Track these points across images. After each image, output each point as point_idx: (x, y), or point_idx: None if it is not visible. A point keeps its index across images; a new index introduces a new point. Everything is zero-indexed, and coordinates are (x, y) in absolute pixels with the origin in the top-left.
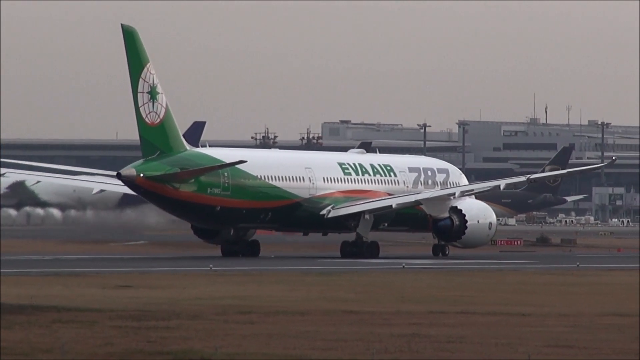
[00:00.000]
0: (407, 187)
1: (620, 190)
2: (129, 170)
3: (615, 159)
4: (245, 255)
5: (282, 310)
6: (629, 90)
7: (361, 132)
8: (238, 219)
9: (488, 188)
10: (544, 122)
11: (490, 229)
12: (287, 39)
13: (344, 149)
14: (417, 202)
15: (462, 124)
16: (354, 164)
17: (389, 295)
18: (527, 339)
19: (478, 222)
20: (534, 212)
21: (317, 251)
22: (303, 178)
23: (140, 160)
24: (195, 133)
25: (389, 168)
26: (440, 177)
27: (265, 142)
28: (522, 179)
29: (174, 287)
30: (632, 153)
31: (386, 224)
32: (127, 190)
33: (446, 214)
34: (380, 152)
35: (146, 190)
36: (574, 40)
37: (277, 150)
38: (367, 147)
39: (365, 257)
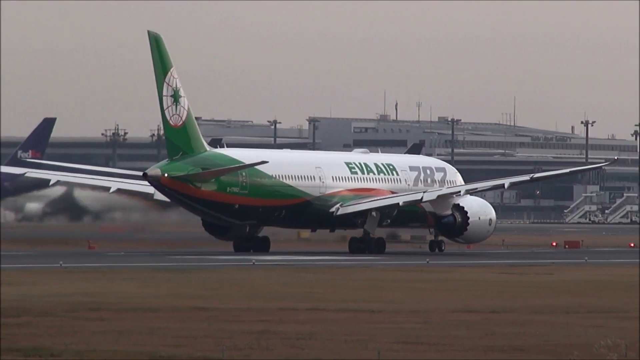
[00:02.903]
0: (409, 185)
1: None
2: (154, 171)
3: (617, 158)
4: (256, 250)
5: (132, 307)
6: (479, 87)
7: (211, 128)
8: (254, 217)
9: (491, 186)
10: (395, 118)
11: (490, 224)
12: (134, 36)
13: None
14: (422, 200)
15: (312, 121)
16: (360, 163)
17: (239, 292)
18: (377, 335)
19: (479, 218)
20: None
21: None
22: (314, 177)
23: (165, 161)
24: (45, 129)
25: (391, 167)
26: (438, 176)
27: (116, 139)
28: (526, 178)
29: (24, 284)
30: (481, 149)
31: (389, 221)
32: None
33: (449, 211)
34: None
35: (170, 189)
36: (421, 37)
37: (289, 150)
38: (217, 144)
39: (372, 253)
